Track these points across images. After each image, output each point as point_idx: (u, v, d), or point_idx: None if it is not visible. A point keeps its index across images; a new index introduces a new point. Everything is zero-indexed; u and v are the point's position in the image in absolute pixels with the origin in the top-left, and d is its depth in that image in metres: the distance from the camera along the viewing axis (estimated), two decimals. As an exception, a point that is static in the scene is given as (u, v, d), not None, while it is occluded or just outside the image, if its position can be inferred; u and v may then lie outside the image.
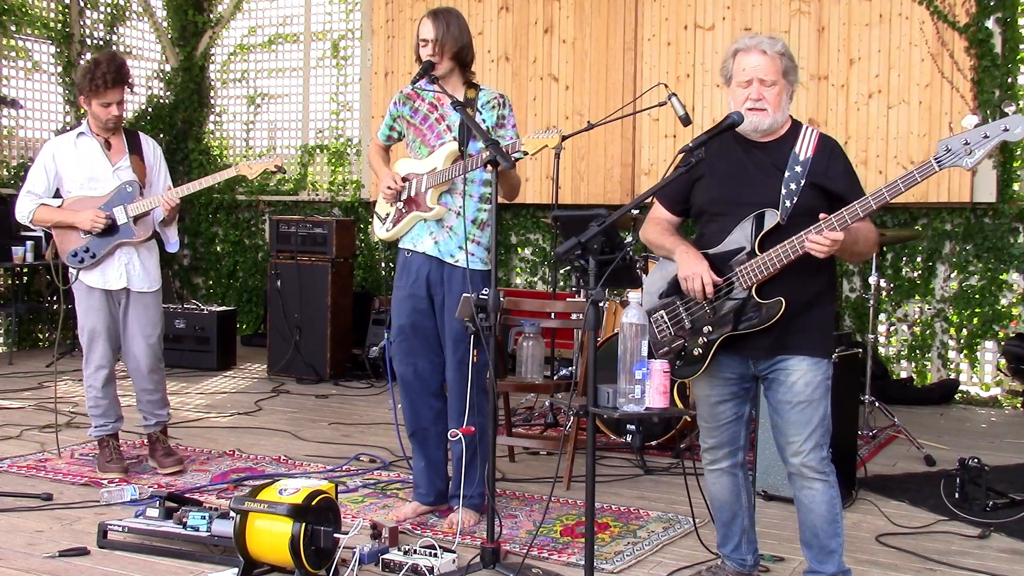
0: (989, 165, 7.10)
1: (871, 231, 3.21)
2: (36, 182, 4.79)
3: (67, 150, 4.79)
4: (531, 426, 6.13)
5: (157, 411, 4.92)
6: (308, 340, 7.75)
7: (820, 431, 3.19)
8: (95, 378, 4.84)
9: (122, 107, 4.74)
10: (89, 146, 4.79)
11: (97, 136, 4.79)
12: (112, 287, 4.77)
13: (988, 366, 7.48)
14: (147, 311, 4.82)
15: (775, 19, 7.53)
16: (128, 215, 4.70)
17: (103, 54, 4.80)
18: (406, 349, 4.20)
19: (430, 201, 4.10)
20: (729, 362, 3.29)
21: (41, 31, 9.08)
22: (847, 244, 3.07)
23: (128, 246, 4.75)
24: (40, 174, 4.79)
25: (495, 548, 3.64)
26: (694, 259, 3.24)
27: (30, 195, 4.79)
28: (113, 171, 4.77)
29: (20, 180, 8.79)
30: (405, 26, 8.70)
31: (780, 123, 3.25)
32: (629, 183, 8.00)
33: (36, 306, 8.99)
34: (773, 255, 3.11)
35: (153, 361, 4.84)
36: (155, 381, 4.89)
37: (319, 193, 9.68)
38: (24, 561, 3.65)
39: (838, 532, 3.21)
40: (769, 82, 3.21)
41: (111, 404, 4.89)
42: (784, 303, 3.13)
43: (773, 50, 3.22)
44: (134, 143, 4.86)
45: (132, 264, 4.78)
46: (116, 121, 4.75)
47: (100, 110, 4.69)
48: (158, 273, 4.89)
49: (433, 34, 4.06)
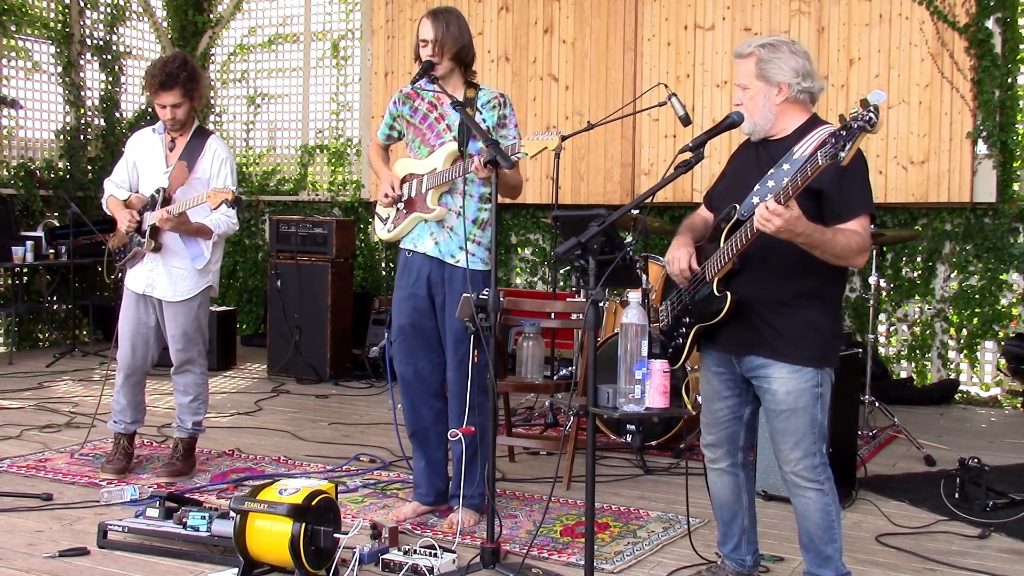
0: (989, 165, 7.10)
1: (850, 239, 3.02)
2: (118, 171, 4.93)
3: (142, 144, 4.89)
4: (531, 426, 6.13)
5: (184, 416, 4.90)
6: (308, 340, 7.75)
7: (808, 440, 3.14)
8: (118, 376, 4.86)
9: (179, 111, 4.70)
10: (155, 143, 4.84)
11: (167, 134, 4.81)
12: (137, 291, 4.81)
13: (988, 366, 7.48)
14: (176, 318, 4.80)
15: (775, 19, 7.53)
16: (147, 222, 4.73)
17: (168, 55, 4.81)
18: (406, 349, 4.20)
19: (430, 202, 4.10)
20: (714, 355, 3.33)
21: (41, 31, 9.08)
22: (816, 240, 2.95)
23: (154, 253, 4.75)
24: (121, 164, 4.94)
25: (495, 548, 3.64)
26: (677, 245, 3.32)
27: (110, 182, 4.93)
28: (164, 172, 4.78)
29: (20, 180, 8.85)
30: (405, 26, 8.70)
31: (763, 125, 3.20)
32: (629, 183, 8.00)
33: (36, 306, 8.99)
34: (729, 244, 3.12)
35: (181, 363, 4.84)
36: (182, 384, 4.89)
37: (319, 193, 9.69)
38: (24, 561, 3.65)
39: (834, 538, 3.18)
40: (742, 85, 3.21)
41: (129, 405, 4.87)
42: (729, 299, 3.11)
43: (744, 51, 3.20)
44: (194, 147, 4.77)
45: (156, 272, 4.77)
46: (172, 124, 4.75)
47: (159, 111, 4.74)
48: (191, 282, 4.78)
49: (433, 34, 4.06)
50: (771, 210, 2.86)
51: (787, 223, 2.88)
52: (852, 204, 3.06)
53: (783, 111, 3.20)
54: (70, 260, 8.53)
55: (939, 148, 7.11)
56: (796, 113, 3.21)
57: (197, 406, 4.93)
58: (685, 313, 3.30)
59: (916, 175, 7.17)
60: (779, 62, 3.17)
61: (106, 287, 8.99)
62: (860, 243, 3.05)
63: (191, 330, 4.83)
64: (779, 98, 3.18)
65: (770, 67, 3.17)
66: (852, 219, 3.06)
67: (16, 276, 8.81)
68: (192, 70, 4.72)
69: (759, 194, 3.11)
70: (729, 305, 3.11)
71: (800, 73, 3.18)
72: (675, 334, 3.35)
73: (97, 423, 5.35)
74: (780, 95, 3.18)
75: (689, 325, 3.27)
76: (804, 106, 3.23)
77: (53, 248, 8.61)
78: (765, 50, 3.17)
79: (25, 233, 8.55)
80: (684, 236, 3.38)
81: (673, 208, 8.02)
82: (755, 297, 3.14)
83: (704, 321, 3.21)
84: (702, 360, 3.40)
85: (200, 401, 4.95)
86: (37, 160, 9.12)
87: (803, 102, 3.22)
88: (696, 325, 3.24)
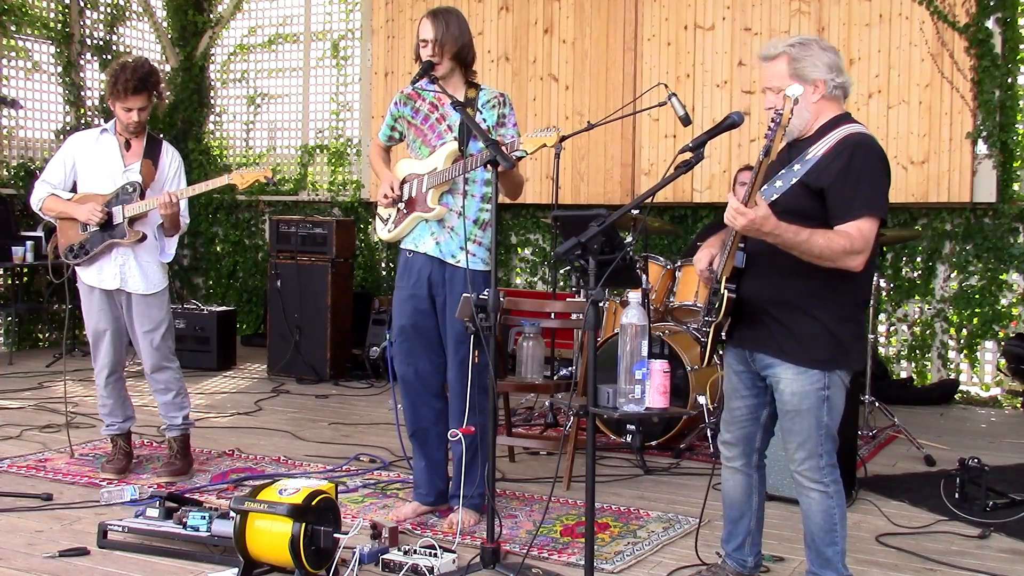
0: (989, 165, 7.10)
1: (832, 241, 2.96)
2: (53, 172, 4.87)
3: (87, 145, 4.86)
4: (531, 426, 6.13)
5: (171, 414, 4.89)
6: (308, 340, 7.75)
7: (814, 441, 3.13)
8: (100, 378, 4.86)
9: (144, 113, 4.76)
10: (108, 144, 4.83)
11: (119, 135, 4.83)
12: (107, 287, 4.79)
13: (988, 366, 7.48)
14: (148, 310, 4.81)
15: (775, 19, 7.53)
16: (124, 215, 4.72)
17: (133, 60, 4.81)
18: (407, 350, 4.20)
19: (431, 201, 4.10)
20: (733, 352, 3.33)
21: (41, 31, 9.08)
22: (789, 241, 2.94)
23: (124, 247, 4.75)
24: (58, 165, 4.87)
25: (495, 548, 3.64)
26: (705, 246, 3.34)
27: (44, 184, 4.86)
28: (123, 171, 4.79)
29: (20, 180, 8.83)
30: (405, 26, 8.70)
31: (799, 127, 3.14)
32: (629, 183, 8.00)
33: (36, 306, 8.98)
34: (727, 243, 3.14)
35: (157, 361, 4.83)
36: (163, 381, 4.87)
37: (319, 193, 9.68)
38: (24, 561, 3.65)
39: (835, 541, 3.17)
40: (776, 88, 3.12)
41: (117, 404, 4.89)
42: (725, 296, 3.12)
43: (774, 52, 3.14)
44: (153, 148, 4.87)
45: (128, 266, 4.77)
46: (137, 126, 4.78)
47: (123, 114, 4.74)
48: (160, 276, 4.86)
49: (433, 34, 4.06)
50: (735, 208, 2.89)
51: (751, 222, 2.88)
52: (852, 204, 3.00)
53: (819, 109, 3.15)
54: (70, 260, 8.53)
55: (939, 148, 7.11)
56: (828, 110, 3.16)
57: (181, 400, 4.93)
58: (706, 312, 3.31)
59: (916, 175, 7.17)
60: (812, 59, 3.12)
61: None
62: (846, 245, 2.96)
63: (165, 323, 4.84)
64: (815, 96, 3.13)
65: (804, 65, 3.11)
66: (850, 220, 2.99)
67: (16, 276, 8.81)
68: (159, 76, 4.80)
69: (765, 194, 3.10)
70: (726, 303, 3.11)
71: (833, 68, 3.13)
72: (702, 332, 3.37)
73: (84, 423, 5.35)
74: (816, 93, 3.13)
75: (707, 323, 3.28)
76: (838, 102, 3.18)
77: (53, 248, 8.61)
78: (796, 48, 3.12)
79: (25, 233, 8.54)
80: (717, 236, 3.38)
81: (673, 208, 8.03)
82: (763, 296, 3.14)
83: (713, 318, 3.22)
84: (725, 358, 3.41)
85: (183, 395, 4.95)
86: (37, 160, 9.11)
87: (837, 98, 3.17)
88: (712, 322, 3.25)
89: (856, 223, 2.99)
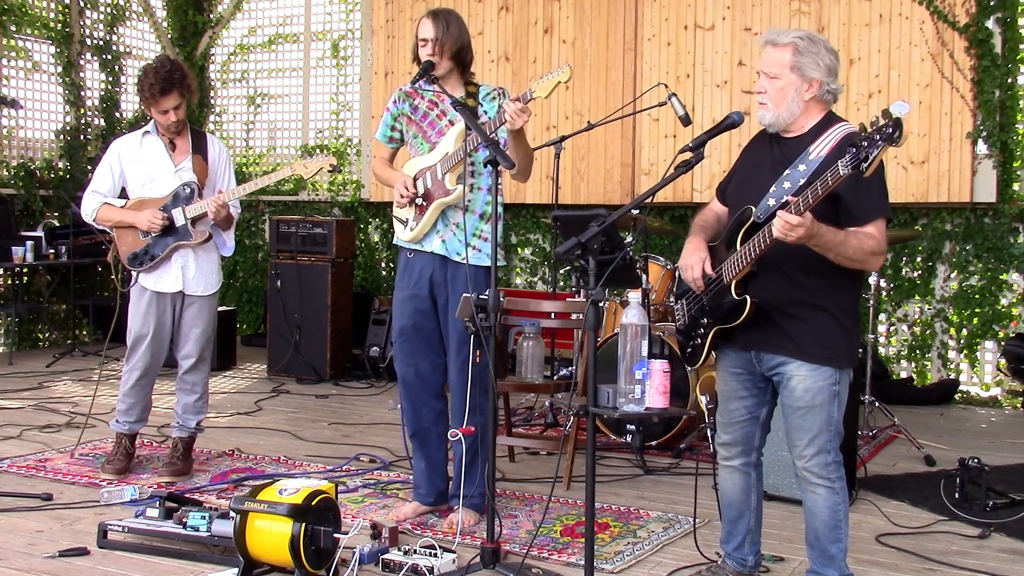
0: (989, 165, 7.10)
1: (863, 242, 3.02)
2: (101, 181, 4.82)
3: (132, 149, 4.81)
4: (531, 426, 6.13)
5: (188, 416, 4.89)
6: (308, 340, 7.75)
7: (823, 437, 3.15)
8: (129, 376, 4.81)
9: (180, 111, 4.71)
10: (153, 145, 4.79)
11: (162, 136, 4.79)
12: (168, 290, 4.75)
13: (988, 366, 7.48)
14: (201, 313, 4.80)
15: (775, 19, 7.52)
16: (186, 216, 4.68)
17: (154, 61, 4.76)
18: (408, 350, 4.20)
19: (449, 184, 4.07)
20: (733, 355, 3.32)
21: (41, 31, 9.08)
22: (829, 243, 2.95)
23: (185, 248, 4.73)
24: (105, 173, 4.82)
25: (495, 548, 3.64)
26: (691, 250, 3.30)
27: (95, 194, 4.82)
28: (175, 171, 4.76)
29: (20, 180, 8.83)
30: (405, 26, 8.70)
31: (786, 119, 3.18)
32: (629, 183, 8.00)
33: (36, 306, 8.98)
34: (746, 248, 3.10)
35: (196, 362, 4.84)
36: (192, 382, 4.88)
37: (319, 193, 9.68)
38: (24, 561, 3.65)
39: (839, 538, 3.19)
40: (771, 75, 3.15)
41: (136, 404, 4.85)
42: (749, 302, 3.10)
43: (782, 40, 3.14)
44: (199, 143, 4.84)
45: (188, 267, 4.76)
46: (176, 125, 4.74)
47: (159, 116, 4.71)
48: (217, 276, 4.86)
49: (432, 34, 4.06)
50: (792, 223, 2.86)
51: (807, 231, 2.89)
52: (868, 208, 3.05)
53: (807, 108, 3.17)
54: (70, 260, 8.53)
55: (939, 148, 7.11)
56: (816, 111, 3.19)
57: (201, 405, 4.94)
58: (703, 314, 3.28)
59: (916, 175, 7.17)
60: (816, 58, 3.13)
61: (105, 287, 9.01)
62: (874, 246, 3.04)
63: (213, 323, 4.88)
64: (808, 94, 3.15)
65: (807, 61, 3.13)
66: (868, 223, 3.05)
67: (16, 276, 8.81)
68: (183, 69, 4.75)
69: (775, 195, 3.10)
70: (749, 309, 3.11)
71: (831, 72, 3.16)
72: (693, 334, 3.34)
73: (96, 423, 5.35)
74: (810, 91, 3.15)
75: (708, 326, 3.25)
76: (825, 105, 3.20)
77: (53, 248, 8.61)
78: (804, 42, 3.13)
79: (25, 233, 8.54)
80: (697, 238, 3.35)
81: (673, 208, 8.02)
82: (774, 297, 3.14)
83: (724, 324, 3.20)
84: (719, 360, 3.39)
85: (204, 400, 4.96)
86: (37, 160, 9.12)
87: (826, 101, 3.19)
88: (715, 327, 3.23)
89: (874, 224, 3.06)
